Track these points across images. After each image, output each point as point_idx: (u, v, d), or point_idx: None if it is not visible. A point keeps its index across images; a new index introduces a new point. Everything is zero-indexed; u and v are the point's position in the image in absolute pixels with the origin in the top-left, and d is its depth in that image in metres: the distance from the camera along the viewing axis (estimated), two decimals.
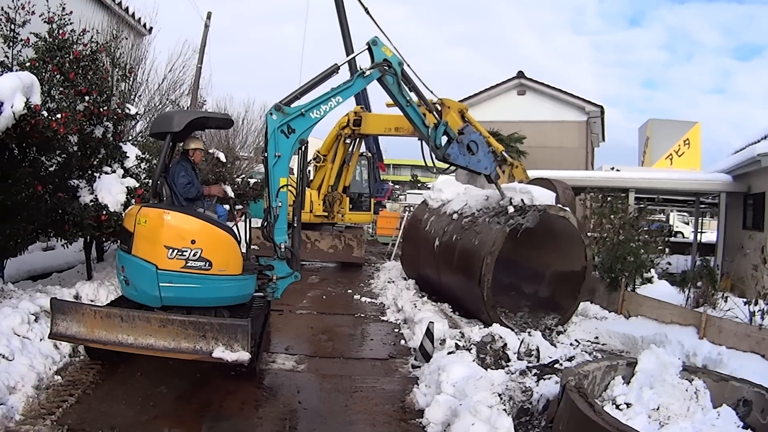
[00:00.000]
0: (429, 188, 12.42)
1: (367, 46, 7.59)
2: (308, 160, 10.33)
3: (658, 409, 4.55)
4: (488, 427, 4.34)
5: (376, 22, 14.61)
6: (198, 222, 5.98)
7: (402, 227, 18.02)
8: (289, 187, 6.72)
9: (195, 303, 5.91)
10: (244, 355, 5.30)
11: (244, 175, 22.04)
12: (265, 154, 6.61)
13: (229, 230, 6.20)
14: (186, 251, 5.73)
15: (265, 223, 6.75)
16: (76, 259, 10.08)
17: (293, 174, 7.34)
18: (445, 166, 8.79)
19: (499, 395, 4.99)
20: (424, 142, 8.50)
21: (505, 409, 4.61)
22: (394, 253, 16.86)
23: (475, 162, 8.57)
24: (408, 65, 7.83)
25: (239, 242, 6.26)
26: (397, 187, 45.59)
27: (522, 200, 8.48)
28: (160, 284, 5.67)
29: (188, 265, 5.73)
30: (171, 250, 5.69)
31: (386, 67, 7.58)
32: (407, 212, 19.69)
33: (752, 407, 4.67)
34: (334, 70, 7.47)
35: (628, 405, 4.53)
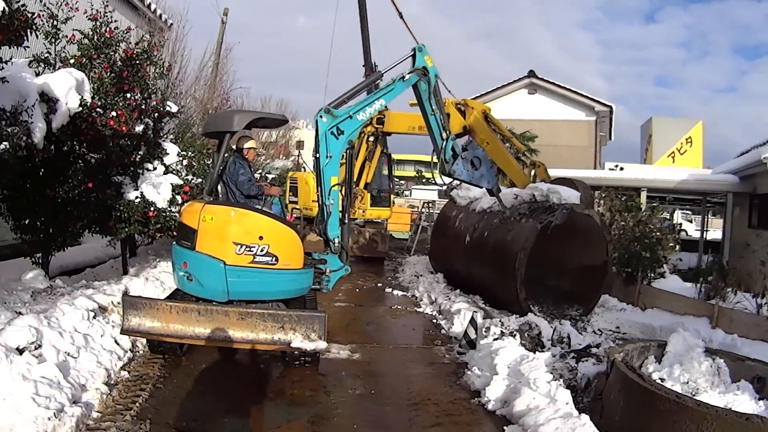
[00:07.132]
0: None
1: (412, 52, 7.95)
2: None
3: (687, 383, 5.28)
4: (548, 400, 4.97)
5: (408, 27, 15.17)
6: (264, 219, 6.21)
7: (418, 222, 18.76)
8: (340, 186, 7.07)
9: (259, 296, 6.12)
10: (321, 344, 5.61)
11: (261, 171, 22.50)
12: (317, 155, 6.92)
13: (292, 226, 6.49)
14: (254, 247, 5.94)
15: (319, 219, 7.11)
16: (105, 254, 10.05)
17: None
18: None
19: (550, 374, 5.70)
20: (435, 156, 8.83)
21: (560, 384, 5.34)
22: (414, 248, 17.52)
23: (478, 177, 8.80)
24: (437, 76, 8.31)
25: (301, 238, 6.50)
26: (402, 182, 45.52)
27: (549, 198, 9.16)
28: (228, 279, 5.85)
29: (256, 260, 5.95)
30: (239, 246, 5.89)
31: (424, 74, 7.98)
32: (428, 208, 20.34)
33: (765, 383, 5.41)
34: (379, 77, 8.06)
35: (662, 380, 5.24)
